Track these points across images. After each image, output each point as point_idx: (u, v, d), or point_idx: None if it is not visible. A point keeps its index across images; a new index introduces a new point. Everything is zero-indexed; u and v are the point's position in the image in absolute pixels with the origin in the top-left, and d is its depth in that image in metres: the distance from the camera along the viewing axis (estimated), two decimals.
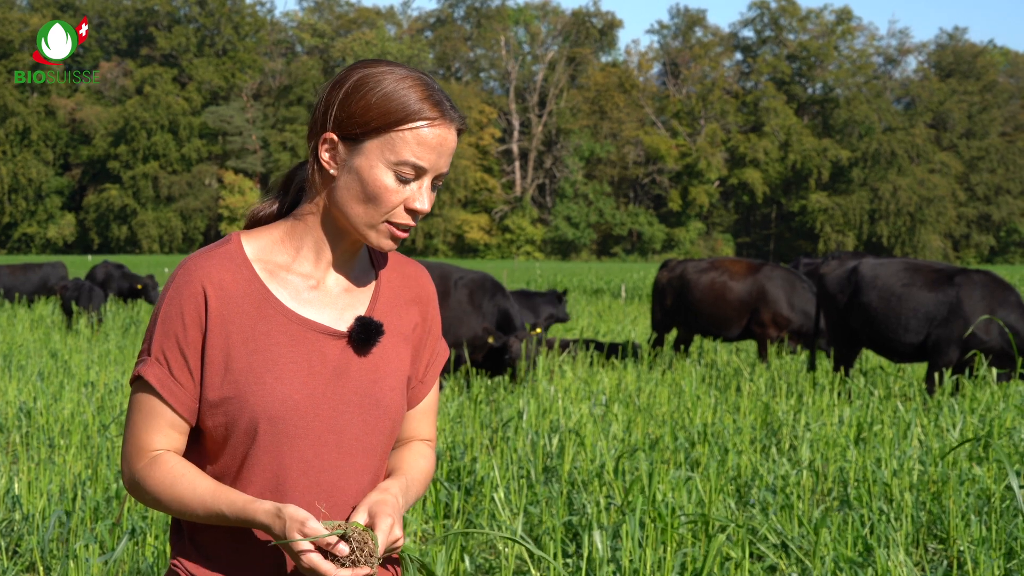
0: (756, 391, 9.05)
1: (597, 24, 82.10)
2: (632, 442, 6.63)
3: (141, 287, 19.00)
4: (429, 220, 71.50)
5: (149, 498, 1.93)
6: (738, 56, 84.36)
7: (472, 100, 74.21)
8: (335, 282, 2.01)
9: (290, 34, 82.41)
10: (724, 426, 7.03)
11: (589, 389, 9.03)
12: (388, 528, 1.85)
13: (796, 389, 9.12)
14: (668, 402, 8.32)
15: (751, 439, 6.98)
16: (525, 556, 4.73)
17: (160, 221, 72.80)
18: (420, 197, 1.93)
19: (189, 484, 1.90)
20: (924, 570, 4.89)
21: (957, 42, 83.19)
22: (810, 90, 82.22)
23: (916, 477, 5.71)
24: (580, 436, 6.43)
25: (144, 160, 73.28)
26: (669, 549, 4.49)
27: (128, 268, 19.95)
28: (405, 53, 75.30)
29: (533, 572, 4.33)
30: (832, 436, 6.69)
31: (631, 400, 8.51)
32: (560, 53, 79.76)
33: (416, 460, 2.08)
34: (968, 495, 5.35)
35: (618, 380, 9.72)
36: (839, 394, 9.06)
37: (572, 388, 8.95)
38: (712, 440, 6.49)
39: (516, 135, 78.41)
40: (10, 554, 5.06)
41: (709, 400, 8.23)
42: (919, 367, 11.37)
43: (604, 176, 78.03)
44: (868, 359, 12.44)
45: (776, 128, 77.34)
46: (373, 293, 2.04)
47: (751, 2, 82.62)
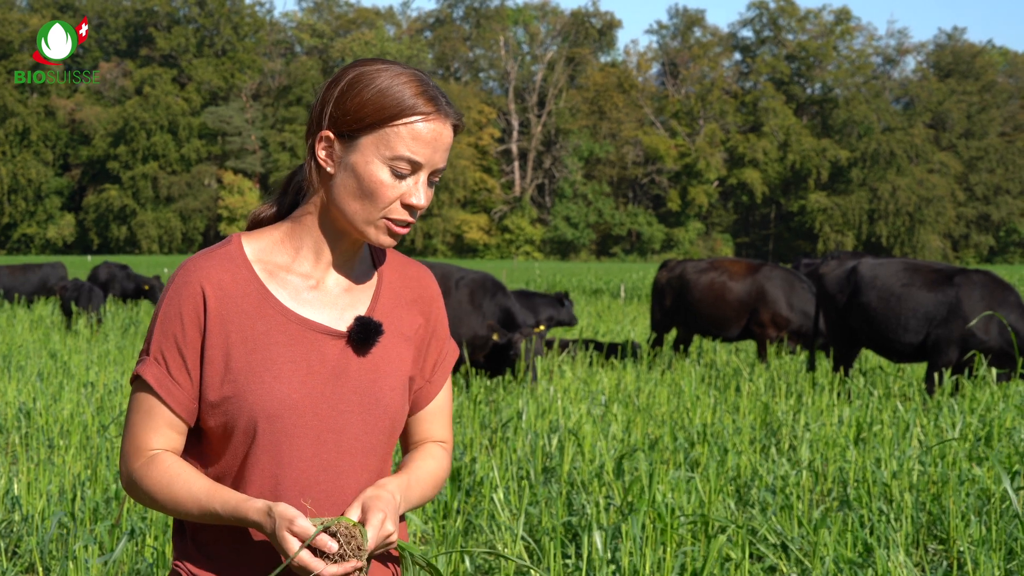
0: (755, 391, 9.04)
1: (596, 24, 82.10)
2: (631, 442, 6.63)
3: (148, 288, 19.09)
4: (428, 220, 71.50)
5: (146, 497, 1.94)
6: (737, 56, 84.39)
7: (471, 100, 74.22)
8: (335, 282, 2.01)
9: (289, 34, 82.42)
10: (724, 426, 7.02)
11: (588, 389, 9.02)
12: (379, 523, 1.84)
13: (795, 389, 9.11)
14: (667, 402, 8.31)
15: (751, 439, 6.98)
16: (525, 557, 4.72)
17: (159, 221, 72.80)
18: (416, 192, 1.93)
19: (185, 483, 1.90)
20: (924, 570, 4.88)
21: (956, 42, 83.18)
22: (809, 90, 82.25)
23: (916, 477, 5.71)
24: (579, 436, 6.42)
25: (144, 160, 73.27)
26: (669, 550, 4.49)
27: (132, 269, 19.99)
28: (404, 53, 75.30)
29: (533, 574, 4.32)
30: (832, 436, 6.69)
31: (630, 400, 8.51)
32: (559, 53, 79.78)
33: (424, 461, 2.06)
34: (968, 495, 5.35)
35: (617, 380, 9.71)
36: (839, 394, 9.05)
37: (571, 388, 8.94)
38: (712, 440, 6.48)
39: (515, 135, 78.42)
40: (9, 555, 5.06)
41: (708, 400, 8.22)
42: (919, 367, 11.36)
43: (603, 176, 78.04)
44: (868, 359, 12.44)
45: (775, 128, 77.36)
46: (374, 293, 2.03)
47: (750, 2, 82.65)
